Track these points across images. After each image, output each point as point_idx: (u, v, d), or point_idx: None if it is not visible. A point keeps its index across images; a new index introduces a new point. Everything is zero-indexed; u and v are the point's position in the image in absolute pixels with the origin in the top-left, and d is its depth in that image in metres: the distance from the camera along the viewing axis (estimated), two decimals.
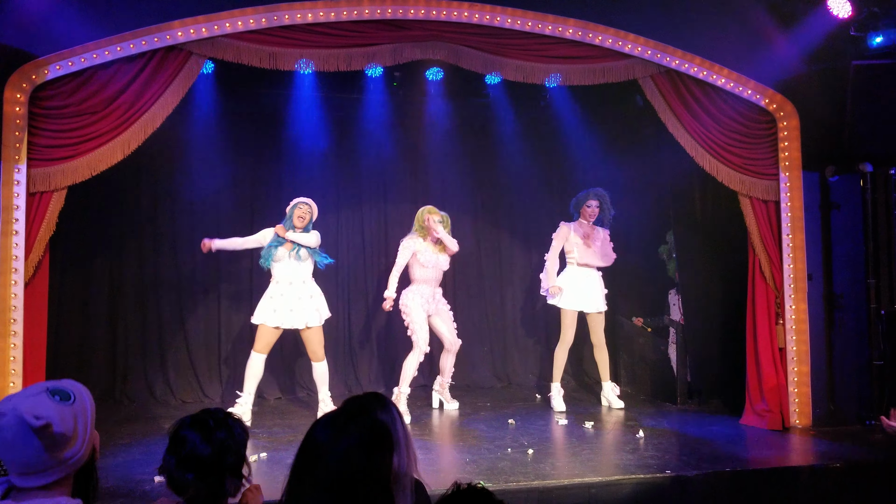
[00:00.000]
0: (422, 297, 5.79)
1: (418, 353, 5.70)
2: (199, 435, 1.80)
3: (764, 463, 4.57)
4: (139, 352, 6.36)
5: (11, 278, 4.47)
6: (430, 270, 5.82)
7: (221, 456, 1.79)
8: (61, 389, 1.56)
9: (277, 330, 5.45)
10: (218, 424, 1.83)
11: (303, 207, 5.51)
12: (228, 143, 6.51)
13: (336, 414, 1.70)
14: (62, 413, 1.51)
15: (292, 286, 5.44)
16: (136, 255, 6.41)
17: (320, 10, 4.84)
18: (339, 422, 1.66)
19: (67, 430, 1.51)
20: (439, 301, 5.96)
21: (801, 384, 5.47)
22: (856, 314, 5.54)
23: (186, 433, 1.81)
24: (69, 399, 1.55)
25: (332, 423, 1.66)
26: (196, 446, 1.78)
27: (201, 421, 1.84)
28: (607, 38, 5.27)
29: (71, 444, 1.52)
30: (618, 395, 6.23)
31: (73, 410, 1.54)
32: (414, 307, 5.75)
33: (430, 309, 5.84)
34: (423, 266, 5.81)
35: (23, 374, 4.47)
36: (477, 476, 4.17)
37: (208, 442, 1.79)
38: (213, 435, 1.80)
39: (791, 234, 5.52)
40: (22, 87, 4.47)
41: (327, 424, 1.66)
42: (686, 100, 5.43)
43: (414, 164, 7.11)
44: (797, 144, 5.52)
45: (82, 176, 4.61)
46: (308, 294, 5.48)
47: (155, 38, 4.64)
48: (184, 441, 1.80)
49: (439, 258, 5.85)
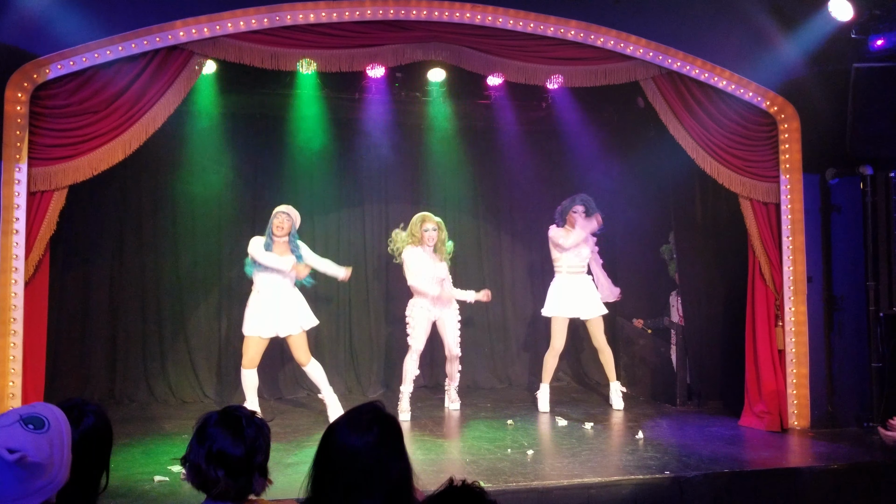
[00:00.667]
0: (421, 307, 5.83)
1: (413, 353, 5.79)
2: (231, 433, 1.80)
3: (763, 464, 4.57)
4: (139, 351, 6.36)
5: (12, 277, 4.46)
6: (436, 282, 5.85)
7: (252, 455, 1.81)
8: (35, 417, 1.54)
9: (265, 340, 5.38)
10: (248, 423, 1.84)
11: (280, 217, 5.39)
12: (230, 143, 6.52)
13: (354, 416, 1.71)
14: (37, 443, 1.49)
15: (275, 294, 5.35)
16: (137, 255, 6.41)
17: (322, 10, 4.83)
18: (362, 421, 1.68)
19: (43, 459, 1.49)
20: (445, 305, 5.93)
21: (800, 386, 5.48)
22: (855, 317, 5.54)
23: (216, 431, 1.81)
24: (43, 426, 1.53)
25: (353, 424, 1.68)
26: (228, 445, 1.79)
27: (233, 418, 1.84)
28: (609, 39, 5.27)
29: (48, 472, 1.50)
30: (620, 395, 6.24)
31: (48, 438, 1.52)
32: (416, 315, 5.84)
33: (433, 315, 5.87)
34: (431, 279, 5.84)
35: (22, 374, 4.47)
36: (477, 476, 4.17)
37: (241, 440, 1.80)
38: (244, 433, 1.81)
39: (791, 236, 5.53)
40: (23, 87, 4.46)
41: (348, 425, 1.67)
42: (687, 101, 5.44)
43: (415, 165, 7.11)
44: (798, 147, 5.52)
45: (83, 175, 4.61)
46: (291, 301, 5.40)
47: (157, 38, 4.63)
48: (214, 437, 1.80)
49: (436, 267, 5.85)
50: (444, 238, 5.88)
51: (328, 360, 6.76)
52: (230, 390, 6.45)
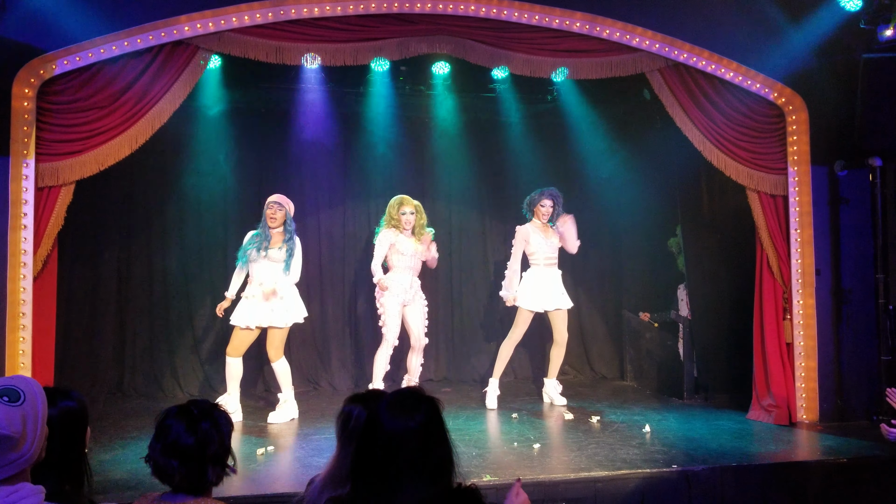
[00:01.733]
0: (399, 285, 5.68)
1: (387, 346, 5.65)
2: (184, 424, 1.85)
3: (771, 458, 4.56)
4: (147, 345, 6.39)
5: (20, 272, 4.50)
6: (408, 258, 5.73)
7: (204, 446, 1.84)
8: (11, 388, 1.55)
9: (255, 331, 5.35)
10: (202, 415, 1.88)
11: (272, 207, 5.38)
12: (235, 137, 6.53)
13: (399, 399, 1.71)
14: (9, 415, 1.50)
15: (263, 286, 5.31)
16: (145, 249, 6.44)
17: (327, 4, 4.83)
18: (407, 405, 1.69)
19: (14, 432, 1.50)
20: (416, 291, 5.83)
21: (808, 379, 5.45)
22: (864, 310, 5.50)
23: (171, 422, 1.86)
24: (18, 399, 1.53)
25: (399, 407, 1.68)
26: (180, 435, 1.83)
27: (186, 411, 1.89)
28: (615, 31, 5.24)
29: (19, 445, 1.51)
30: (560, 391, 6.16)
31: (21, 411, 1.53)
32: (388, 297, 5.65)
33: (405, 299, 5.73)
34: (402, 254, 5.71)
35: (31, 368, 4.51)
36: (483, 470, 4.18)
37: (192, 432, 1.84)
38: (197, 425, 1.85)
39: (799, 228, 5.49)
40: (30, 83, 4.49)
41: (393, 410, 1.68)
42: (694, 93, 5.41)
43: (420, 159, 7.10)
44: (806, 139, 5.48)
45: (90, 170, 4.63)
46: (284, 294, 5.36)
47: (162, 33, 4.64)
48: (169, 429, 1.85)
49: (417, 248, 5.76)
50: (422, 223, 5.80)
51: (334, 355, 6.80)
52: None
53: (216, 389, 6.41)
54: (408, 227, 5.73)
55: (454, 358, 7.20)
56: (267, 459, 4.43)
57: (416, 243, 5.77)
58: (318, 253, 6.84)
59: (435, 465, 1.66)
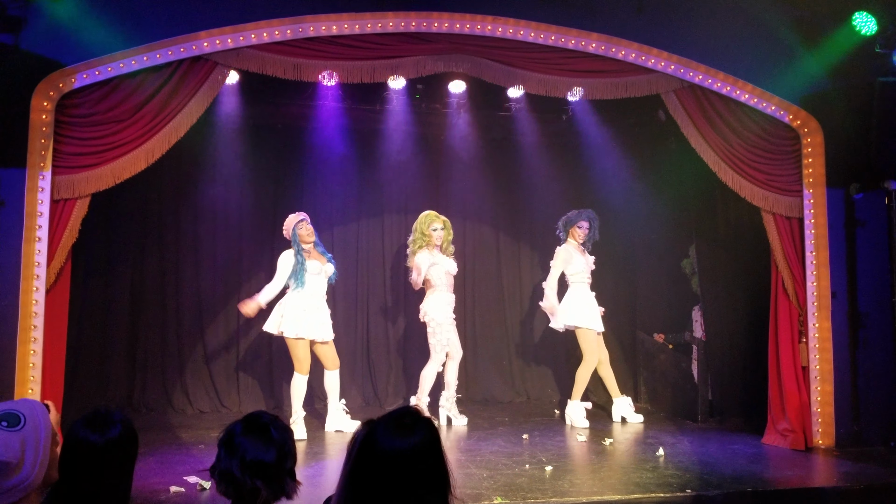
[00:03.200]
0: (449, 305, 5.83)
1: (437, 362, 5.73)
2: (262, 439, 1.80)
3: (786, 483, 4.50)
4: (158, 361, 6.38)
5: (33, 285, 4.49)
6: (445, 277, 5.84)
7: (284, 459, 1.81)
8: (11, 413, 1.52)
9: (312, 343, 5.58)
10: (275, 427, 1.84)
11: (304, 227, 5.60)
12: (251, 152, 6.57)
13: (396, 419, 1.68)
14: (7, 441, 1.47)
15: (319, 300, 5.60)
16: (158, 264, 6.45)
17: (345, 22, 4.87)
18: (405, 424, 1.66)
19: (12, 457, 1.47)
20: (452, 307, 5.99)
21: (825, 403, 5.38)
22: (881, 333, 5.45)
23: (246, 439, 1.80)
24: (18, 424, 1.51)
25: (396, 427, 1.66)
26: (261, 451, 1.78)
27: (259, 425, 1.83)
28: (630, 52, 5.26)
29: (16, 471, 1.48)
30: (634, 409, 6.16)
31: (20, 436, 1.50)
32: (438, 314, 5.77)
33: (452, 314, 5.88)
34: (439, 275, 5.81)
35: (41, 381, 4.48)
36: (494, 492, 4.13)
37: (272, 445, 1.80)
38: (273, 438, 1.81)
39: (815, 251, 5.45)
40: (49, 96, 4.52)
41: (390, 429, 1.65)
42: (709, 115, 5.40)
43: (436, 176, 7.12)
44: (821, 161, 5.46)
45: (106, 184, 4.64)
46: (326, 308, 5.67)
47: (181, 49, 4.68)
48: (245, 447, 1.79)
49: (448, 264, 5.89)
50: (450, 238, 5.93)
51: (345, 372, 6.74)
52: (247, 400, 6.45)
53: (226, 406, 6.39)
54: (439, 243, 5.83)
55: (466, 377, 7.15)
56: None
57: (448, 258, 5.90)
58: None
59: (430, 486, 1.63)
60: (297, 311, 5.48)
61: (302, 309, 5.48)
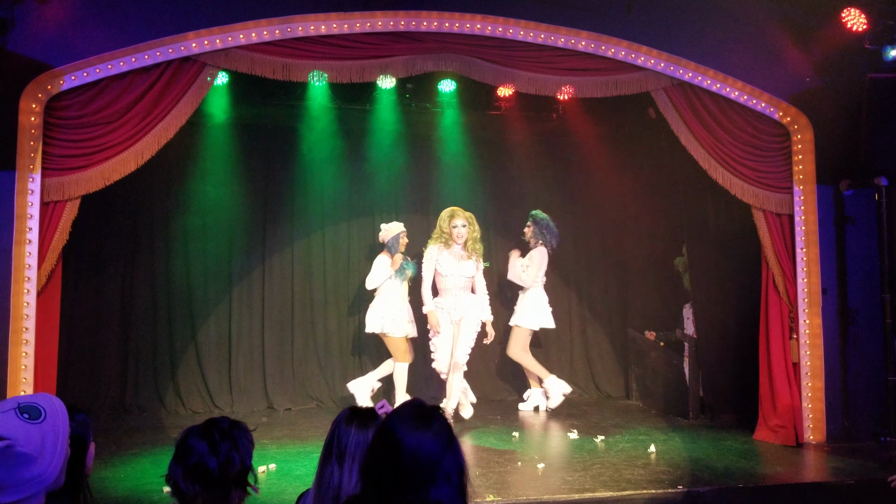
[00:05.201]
0: (441, 310, 5.66)
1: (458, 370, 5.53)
2: (206, 446, 1.79)
3: (777, 479, 4.53)
4: (150, 361, 6.37)
5: (24, 287, 4.49)
6: (450, 279, 5.65)
7: (227, 468, 1.79)
8: (32, 406, 1.51)
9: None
10: (223, 436, 1.82)
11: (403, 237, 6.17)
12: (241, 154, 6.56)
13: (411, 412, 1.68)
14: (28, 432, 1.46)
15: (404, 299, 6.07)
16: (148, 265, 6.44)
17: (334, 21, 4.86)
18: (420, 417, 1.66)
19: (32, 450, 1.45)
20: (465, 311, 5.63)
21: (815, 400, 5.41)
22: (871, 329, 5.48)
23: (193, 443, 1.80)
24: (39, 417, 1.49)
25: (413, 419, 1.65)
26: (203, 457, 1.77)
27: (208, 432, 1.83)
28: (620, 50, 5.27)
29: (37, 464, 1.46)
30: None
31: (41, 430, 1.48)
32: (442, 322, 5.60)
33: (453, 318, 5.65)
34: (442, 276, 5.67)
35: (34, 383, 4.48)
36: (486, 490, 4.14)
37: (214, 454, 1.78)
38: (218, 446, 1.79)
39: (805, 248, 5.47)
40: (37, 98, 4.51)
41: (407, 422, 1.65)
42: (699, 112, 5.41)
43: (426, 176, 7.11)
44: (811, 158, 5.48)
45: (96, 186, 4.64)
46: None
47: (170, 50, 4.67)
48: (191, 451, 1.79)
49: (462, 265, 5.67)
50: (475, 236, 5.69)
51: (337, 372, 6.76)
52: (240, 400, 6.45)
53: (219, 406, 6.39)
54: (459, 241, 5.63)
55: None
56: (269, 478, 4.39)
57: (461, 261, 5.67)
58: (323, 267, 6.84)
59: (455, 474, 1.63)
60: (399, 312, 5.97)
61: (399, 310, 5.98)
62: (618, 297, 7.38)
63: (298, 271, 6.78)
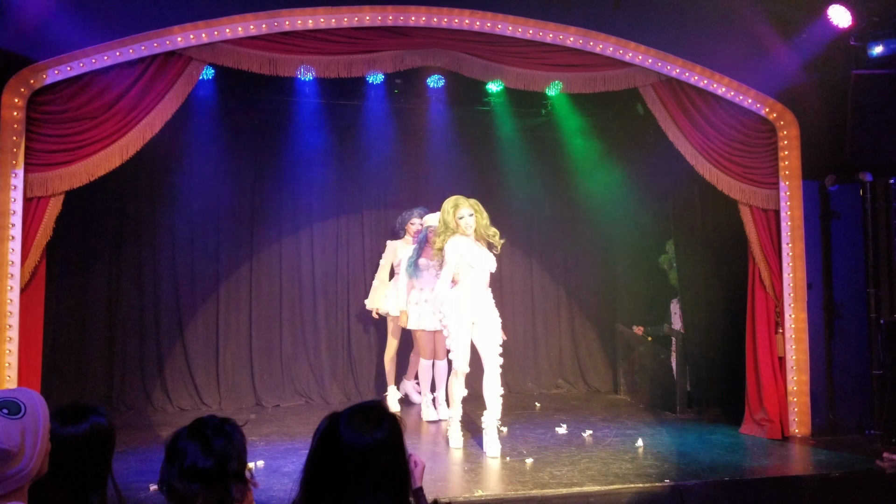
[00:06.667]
0: (456, 305, 4.85)
1: (459, 375, 4.87)
2: (199, 446, 1.77)
3: (763, 472, 4.56)
4: (137, 359, 6.31)
5: (7, 284, 4.44)
6: (476, 272, 4.89)
7: (224, 465, 1.77)
8: (11, 401, 1.50)
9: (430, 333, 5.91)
10: (215, 433, 1.80)
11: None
12: (229, 149, 6.51)
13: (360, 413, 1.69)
14: (7, 428, 1.46)
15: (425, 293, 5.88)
16: (135, 261, 6.38)
17: (321, 16, 4.83)
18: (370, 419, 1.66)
19: (12, 445, 1.45)
20: (486, 307, 4.95)
21: (801, 393, 5.45)
22: (856, 324, 5.52)
23: (185, 445, 1.78)
24: (18, 412, 1.49)
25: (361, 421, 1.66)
26: (197, 458, 1.75)
27: (199, 431, 1.81)
28: (608, 46, 5.27)
29: (16, 460, 1.46)
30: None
31: (20, 425, 1.48)
32: (452, 317, 4.85)
33: (474, 316, 4.89)
34: (471, 267, 4.87)
35: (17, 381, 4.43)
36: (475, 484, 4.15)
37: (209, 453, 1.76)
38: (212, 444, 1.78)
39: (791, 243, 5.51)
40: (20, 92, 4.45)
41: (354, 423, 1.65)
42: (686, 108, 5.43)
43: (415, 171, 7.09)
44: (797, 153, 5.51)
45: (80, 181, 4.59)
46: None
47: (154, 44, 4.62)
48: (184, 453, 1.77)
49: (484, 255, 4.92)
50: (484, 223, 4.94)
51: (326, 368, 6.74)
52: (228, 397, 6.42)
53: (207, 403, 6.36)
54: (468, 232, 4.88)
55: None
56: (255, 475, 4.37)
57: (483, 249, 4.94)
58: (311, 263, 6.81)
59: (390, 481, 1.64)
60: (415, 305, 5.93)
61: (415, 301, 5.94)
62: (606, 292, 7.40)
63: (287, 267, 6.74)
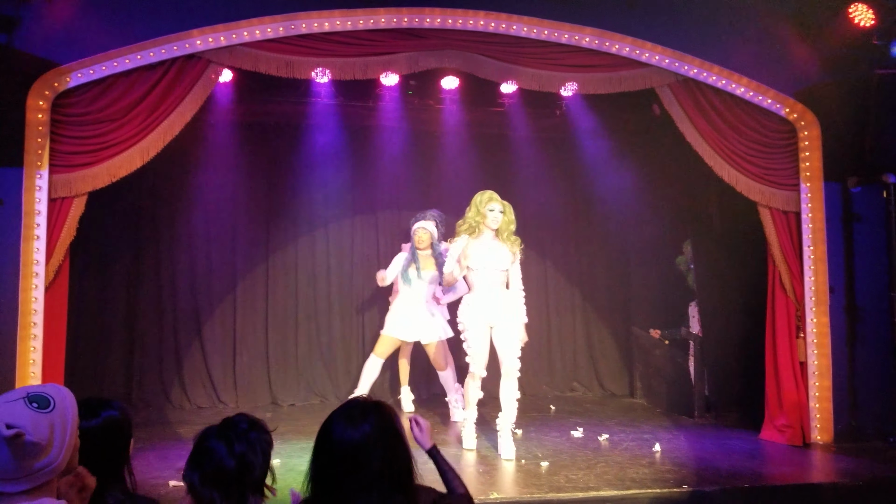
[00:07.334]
0: (474, 307, 4.84)
1: (476, 378, 4.86)
2: (225, 449, 1.79)
3: (784, 479, 4.48)
4: (155, 356, 6.41)
5: (32, 282, 4.53)
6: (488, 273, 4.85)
7: (244, 473, 1.79)
8: (41, 396, 1.52)
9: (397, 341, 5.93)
10: (240, 437, 1.81)
11: (419, 233, 5.92)
12: (245, 150, 6.59)
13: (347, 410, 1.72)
14: (37, 422, 1.47)
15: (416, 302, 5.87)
16: (154, 261, 6.48)
17: (337, 18, 4.88)
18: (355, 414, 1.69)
19: (41, 439, 1.47)
20: (504, 309, 4.87)
21: (822, 399, 5.36)
22: (878, 328, 5.42)
23: (213, 446, 1.80)
24: (48, 406, 1.51)
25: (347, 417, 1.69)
26: (222, 462, 1.77)
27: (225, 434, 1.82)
28: (624, 46, 5.24)
29: (45, 453, 1.48)
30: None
31: (49, 419, 1.50)
32: (469, 319, 4.83)
33: (491, 319, 4.85)
34: (473, 269, 4.87)
35: (42, 377, 4.51)
36: (490, 487, 4.13)
37: (232, 457, 1.78)
38: (234, 449, 1.79)
39: (812, 245, 5.43)
40: (44, 95, 4.54)
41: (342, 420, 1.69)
42: (704, 109, 5.38)
43: (429, 173, 7.11)
44: (818, 154, 5.43)
45: (102, 182, 4.67)
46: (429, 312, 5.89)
47: (174, 47, 4.70)
48: (210, 455, 1.79)
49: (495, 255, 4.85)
50: (511, 226, 4.90)
51: (341, 367, 6.78)
52: (245, 395, 6.48)
53: (224, 401, 6.43)
54: (493, 226, 4.82)
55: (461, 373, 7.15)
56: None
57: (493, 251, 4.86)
58: (327, 265, 6.85)
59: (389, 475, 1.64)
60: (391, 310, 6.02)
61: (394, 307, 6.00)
62: (621, 294, 7.35)
63: (302, 267, 6.80)
